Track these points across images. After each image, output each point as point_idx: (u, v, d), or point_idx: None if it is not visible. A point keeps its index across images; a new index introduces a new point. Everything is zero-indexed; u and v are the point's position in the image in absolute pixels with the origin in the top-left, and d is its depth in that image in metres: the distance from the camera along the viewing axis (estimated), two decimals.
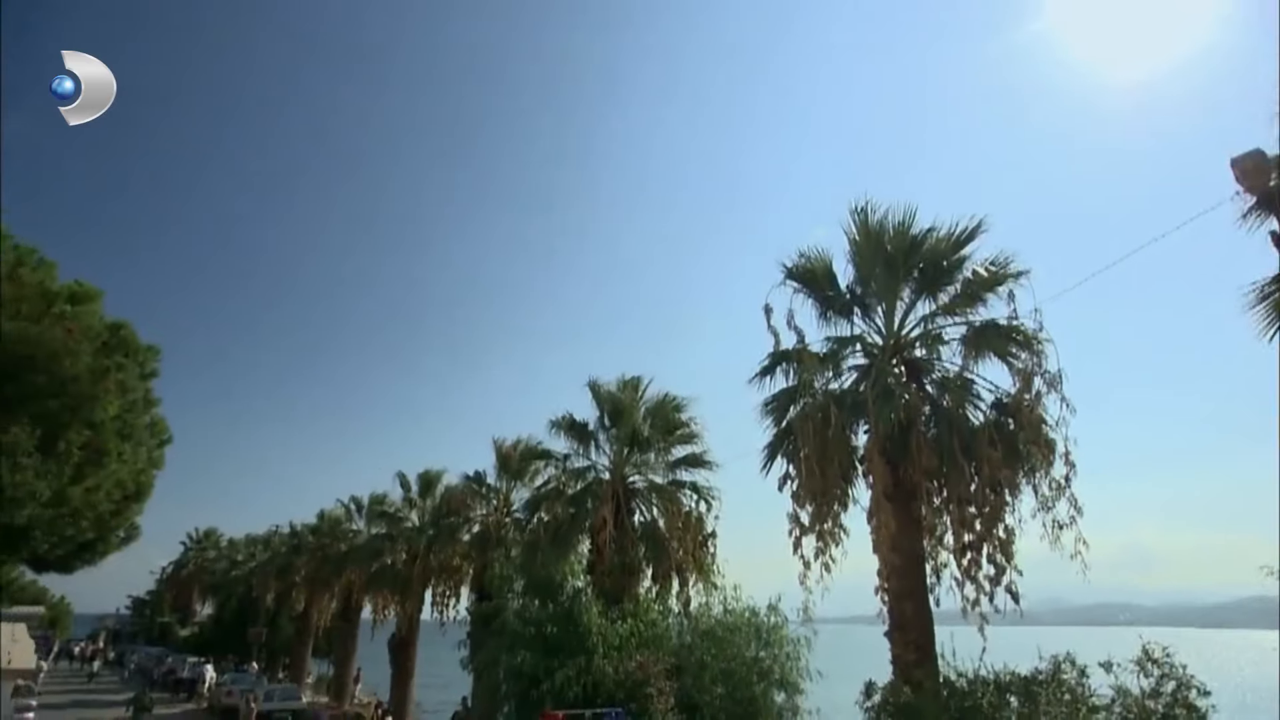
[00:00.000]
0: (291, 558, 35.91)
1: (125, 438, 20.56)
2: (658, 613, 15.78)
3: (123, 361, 20.26)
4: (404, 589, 25.70)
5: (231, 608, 45.82)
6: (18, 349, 17.25)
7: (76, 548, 24.07)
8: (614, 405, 18.56)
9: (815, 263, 13.75)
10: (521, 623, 14.38)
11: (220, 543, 57.01)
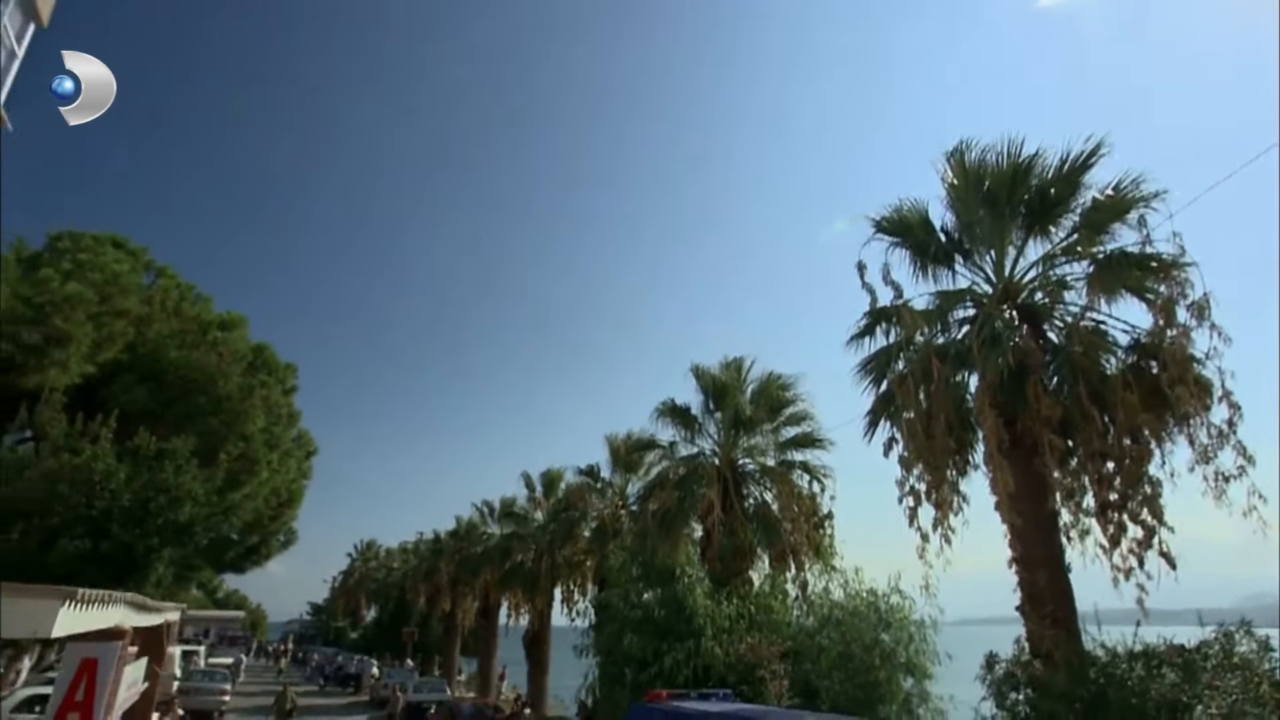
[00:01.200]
0: (435, 562, 38.14)
1: (272, 447, 22.93)
2: (771, 596, 15.17)
3: (266, 379, 22.63)
4: (533, 586, 26.49)
5: (389, 610, 49.80)
6: (183, 374, 19.69)
7: (246, 550, 27.13)
8: (717, 387, 18.22)
9: (909, 214, 12.76)
10: (629, 607, 14.35)
11: (379, 553, 61.74)
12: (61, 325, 16.21)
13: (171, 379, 19.63)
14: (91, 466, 13.95)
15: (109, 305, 17.79)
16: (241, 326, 22.84)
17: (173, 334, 20.10)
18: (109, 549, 13.99)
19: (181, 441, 15.66)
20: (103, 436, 14.85)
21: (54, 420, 14.97)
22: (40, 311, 16.19)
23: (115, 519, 14.14)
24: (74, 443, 14.57)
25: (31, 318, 16.15)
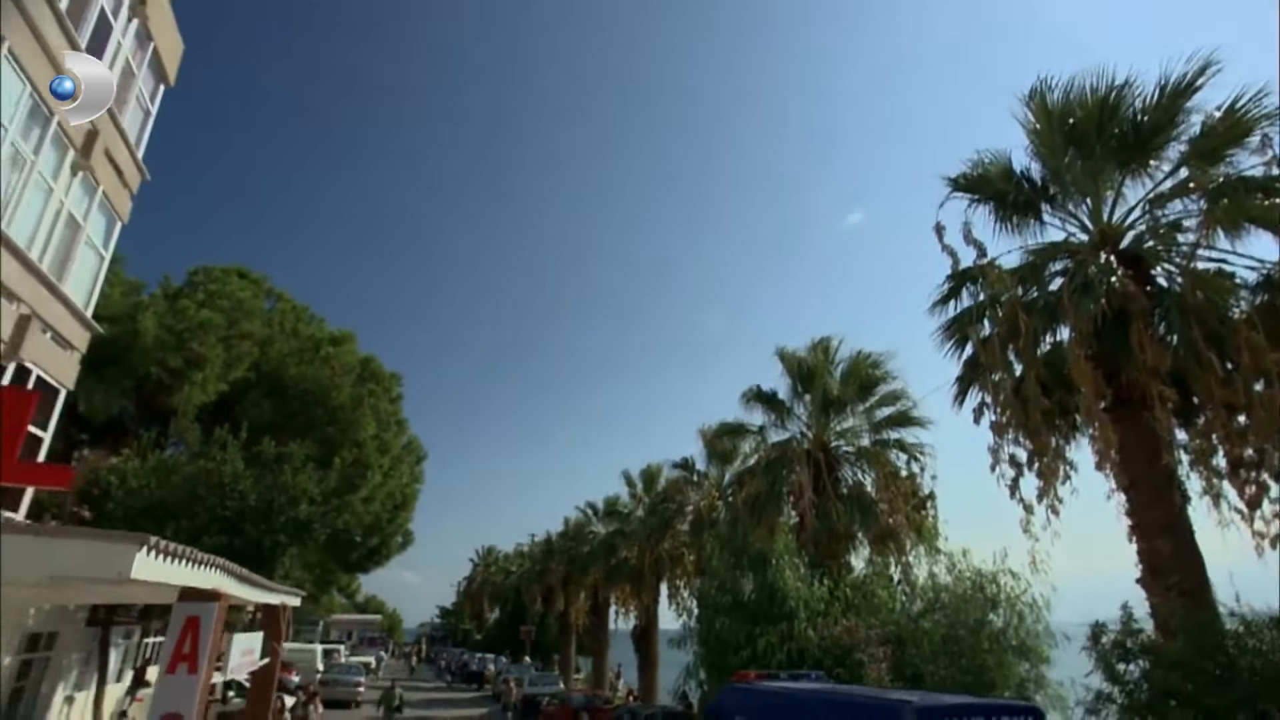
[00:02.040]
0: (547, 563, 39.38)
1: (383, 452, 24.55)
2: (874, 579, 14.57)
3: (374, 389, 24.28)
4: (638, 581, 26.78)
5: (508, 611, 52.07)
6: (301, 388, 21.45)
7: (368, 551, 29.12)
8: (804, 370, 17.78)
9: (989, 167, 11.97)
10: (720, 593, 14.21)
11: (498, 558, 64.43)
12: (197, 349, 18.22)
13: (292, 393, 21.54)
14: (222, 470, 15.59)
15: (236, 329, 19.82)
16: (350, 342, 24.73)
17: (291, 352, 22.07)
18: (241, 545, 15.45)
19: (297, 446, 17.20)
20: (230, 444, 16.55)
21: (189, 430, 16.84)
22: (180, 338, 18.25)
23: (246, 518, 15.68)
24: (207, 450, 16.34)
25: (174, 344, 18.22)
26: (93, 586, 10.18)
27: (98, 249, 14.35)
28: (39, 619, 14.00)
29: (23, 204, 11.49)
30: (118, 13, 13.80)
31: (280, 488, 16.23)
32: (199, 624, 5.85)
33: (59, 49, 11.59)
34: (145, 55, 15.27)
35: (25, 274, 11.70)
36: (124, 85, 14.46)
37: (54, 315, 12.80)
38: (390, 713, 19.47)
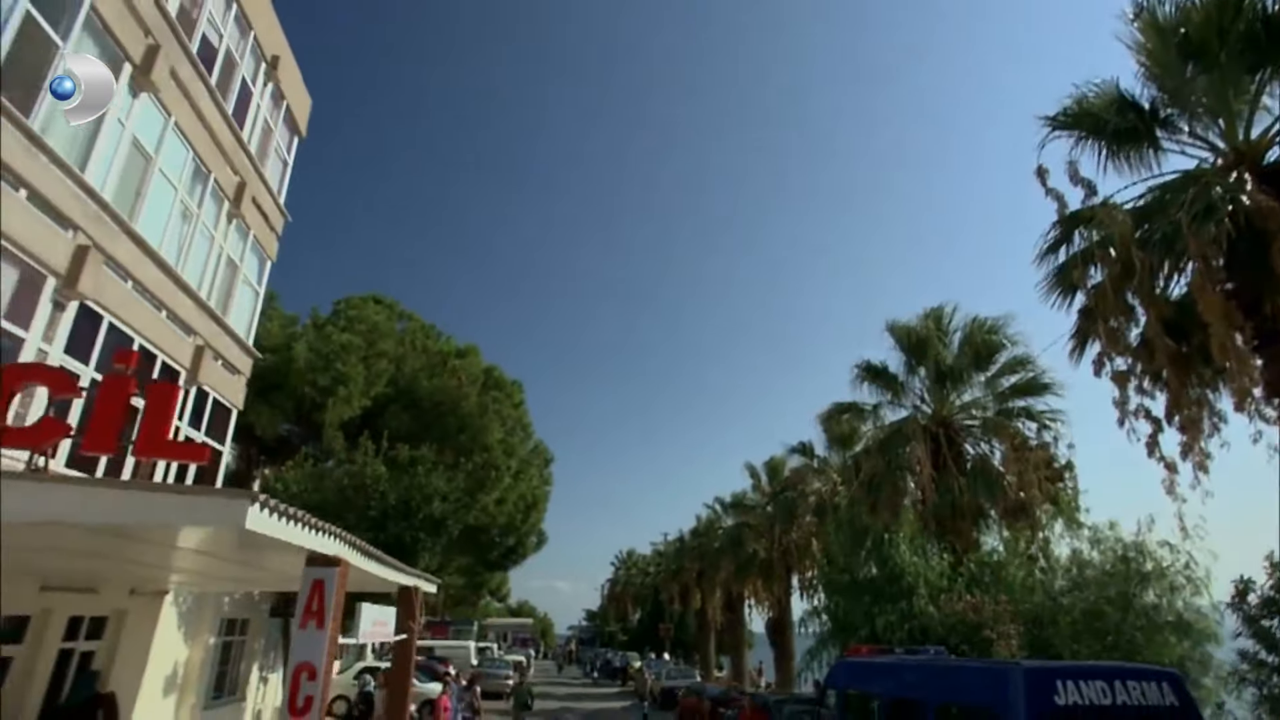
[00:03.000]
0: (680, 562, 39.82)
1: (509, 454, 26.00)
2: (1001, 554, 13.66)
3: (498, 395, 25.82)
4: (768, 573, 26.54)
5: (647, 611, 53.13)
6: (433, 399, 23.26)
7: (507, 550, 30.87)
8: (915, 342, 17.00)
9: (1095, 99, 10.94)
10: (835, 570, 13.87)
11: (638, 560, 65.84)
12: (341, 369, 20.39)
13: (425, 404, 23.49)
14: (364, 474, 17.34)
15: (373, 349, 21.95)
16: (474, 354, 26.57)
17: (423, 367, 24.08)
18: (385, 540, 17.04)
19: (427, 449, 18.80)
20: (368, 449, 18.38)
21: (335, 438, 18.85)
22: (326, 360, 20.51)
23: (389, 516, 17.32)
24: (351, 456, 18.23)
25: (322, 366, 20.50)
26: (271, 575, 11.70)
27: (253, 286, 16.40)
28: (232, 607, 16.17)
29: (192, 251, 13.44)
30: (255, 79, 15.77)
31: (415, 488, 17.83)
32: (324, 586, 6.66)
33: (212, 118, 13.50)
34: (280, 113, 17.29)
35: (199, 311, 13.62)
36: (264, 141, 16.49)
37: (223, 345, 14.78)
38: (520, 709, 19.29)
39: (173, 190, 12.45)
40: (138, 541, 6.06)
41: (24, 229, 8.80)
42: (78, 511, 4.59)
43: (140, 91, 11.15)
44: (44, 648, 10.37)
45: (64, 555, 7.23)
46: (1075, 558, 13.14)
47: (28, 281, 9.11)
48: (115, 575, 11.04)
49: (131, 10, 10.65)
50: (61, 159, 9.42)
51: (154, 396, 5.64)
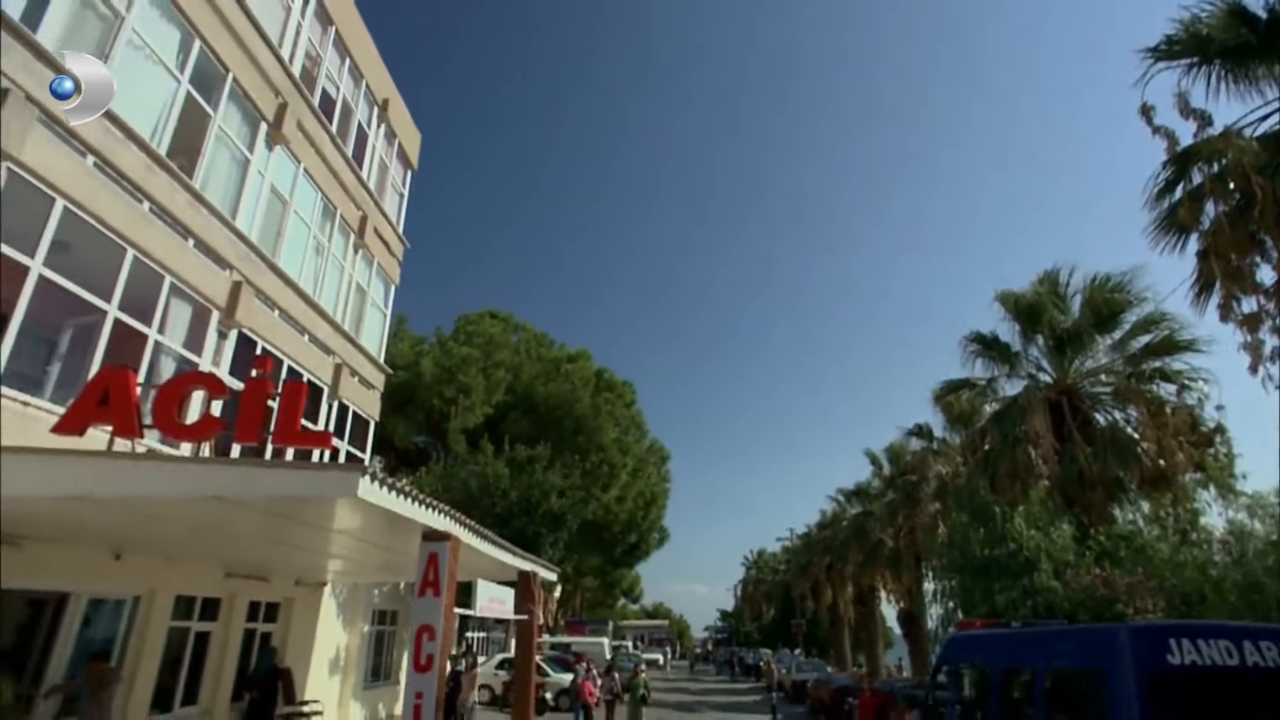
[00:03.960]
0: (808, 557, 39.13)
1: (624, 452, 26.77)
2: (1140, 526, 12.64)
3: (609, 396, 26.70)
4: (895, 562, 25.69)
5: (779, 608, 52.53)
6: (550, 404, 24.51)
7: (629, 547, 31.73)
8: (1027, 309, 16.02)
9: (1206, 20, 10.04)
10: (949, 548, 13.35)
11: (768, 558, 65.21)
12: (463, 380, 22.05)
13: (542, 409, 24.80)
14: (486, 473, 18.66)
15: (491, 360, 23.52)
16: (585, 358, 27.72)
17: (538, 374, 25.47)
18: (510, 535, 18.23)
19: (542, 448, 19.94)
20: (488, 450, 19.73)
21: (458, 442, 20.39)
22: (449, 373, 22.26)
23: (512, 513, 18.52)
24: (473, 458, 19.65)
25: (446, 379, 22.27)
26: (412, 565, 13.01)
27: (380, 308, 18.14)
28: (381, 599, 17.94)
29: (326, 280, 15.17)
30: (370, 122, 17.53)
31: (534, 485, 18.96)
32: (438, 559, 7.50)
33: (335, 161, 15.21)
34: (393, 150, 19.07)
35: (334, 333, 15.33)
36: (381, 177, 18.27)
37: (358, 362, 16.50)
38: (636, 704, 17.89)
39: (306, 228, 14.16)
40: (284, 519, 7.14)
41: (192, 271, 10.45)
42: (232, 486, 5.60)
43: (275, 145, 12.83)
44: (232, 626, 12.13)
45: (231, 538, 8.56)
46: (1233, 528, 11.98)
47: (198, 315, 10.79)
48: (282, 566, 12.69)
49: (264, 76, 12.32)
50: (218, 210, 11.08)
51: (286, 395, 6.69)
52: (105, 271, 8.87)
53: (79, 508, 6.10)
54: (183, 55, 10.38)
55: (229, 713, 11.94)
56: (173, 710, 10.89)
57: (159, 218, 9.73)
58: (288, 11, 13.37)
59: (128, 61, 9.29)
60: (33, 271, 7.84)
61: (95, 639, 9.38)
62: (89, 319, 9.09)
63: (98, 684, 8.55)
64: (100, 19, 9.00)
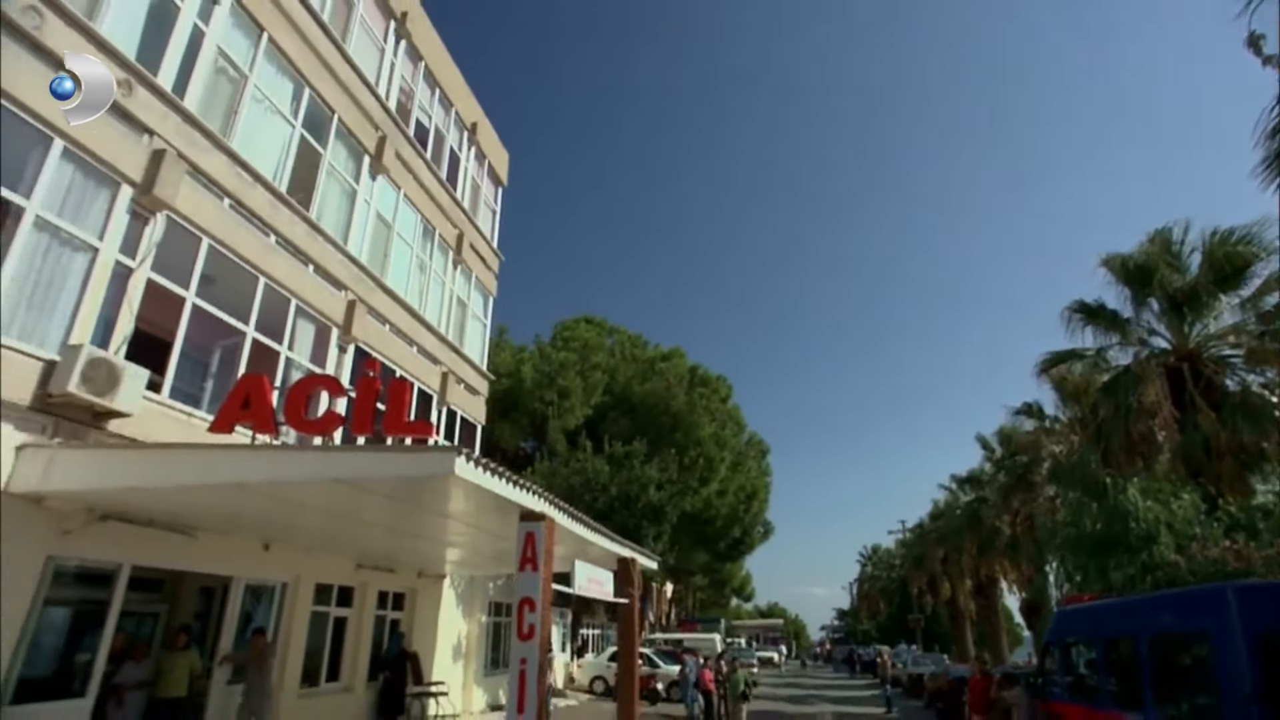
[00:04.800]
0: (923, 549, 37.76)
1: (721, 445, 26.90)
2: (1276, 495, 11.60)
3: (704, 392, 26.94)
4: (1013, 549, 24.49)
5: (895, 604, 50.80)
6: (646, 402, 25.10)
7: (733, 541, 31.75)
8: (1137, 270, 14.99)
9: None
10: (1058, 525, 12.70)
11: (883, 554, 63.16)
12: (562, 383, 23.05)
13: (640, 408, 25.44)
14: (586, 469, 19.42)
15: (587, 363, 24.42)
16: (679, 356, 28.19)
17: (634, 375, 26.16)
18: (611, 529, 18.86)
19: (637, 444, 20.52)
20: (587, 447, 20.49)
21: (558, 441, 21.27)
22: (549, 378, 23.32)
23: (613, 508, 19.19)
24: (573, 456, 20.48)
25: (546, 383, 23.35)
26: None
27: (480, 319, 19.35)
28: (497, 592, 19.08)
29: (429, 295, 16.43)
30: (461, 146, 18.80)
31: (632, 479, 19.56)
32: (534, 537, 8.12)
33: (431, 185, 16.47)
34: (484, 170, 20.31)
35: (440, 343, 16.56)
36: (474, 196, 19.51)
37: (463, 371, 17.70)
38: (737, 700, 16.45)
39: (409, 248, 15.43)
40: (399, 502, 8.01)
41: (313, 293, 11.74)
42: (349, 469, 6.45)
43: (377, 175, 14.12)
44: (365, 612, 13.41)
45: (358, 526, 9.60)
46: None
47: (320, 332, 12.10)
48: (405, 558, 13.88)
49: (365, 114, 13.62)
50: (332, 238, 12.39)
51: (391, 391, 7.55)
52: (243, 298, 10.19)
53: (232, 496, 7.16)
54: (295, 103, 11.72)
55: (366, 690, 13.21)
56: (319, 685, 12.21)
57: (283, 248, 11.03)
58: (381, 53, 14.68)
59: (252, 113, 10.64)
60: (187, 302, 9.17)
61: (254, 619, 10.76)
62: (232, 340, 10.47)
63: (259, 655, 9.82)
64: (230, 81, 10.37)
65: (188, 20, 9.44)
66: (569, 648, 25.86)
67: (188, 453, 6.88)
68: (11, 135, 6.97)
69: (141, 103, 8.51)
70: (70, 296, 7.64)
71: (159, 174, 8.53)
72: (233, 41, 10.34)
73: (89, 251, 7.84)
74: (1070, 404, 19.88)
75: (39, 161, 7.33)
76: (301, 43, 11.76)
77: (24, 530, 6.85)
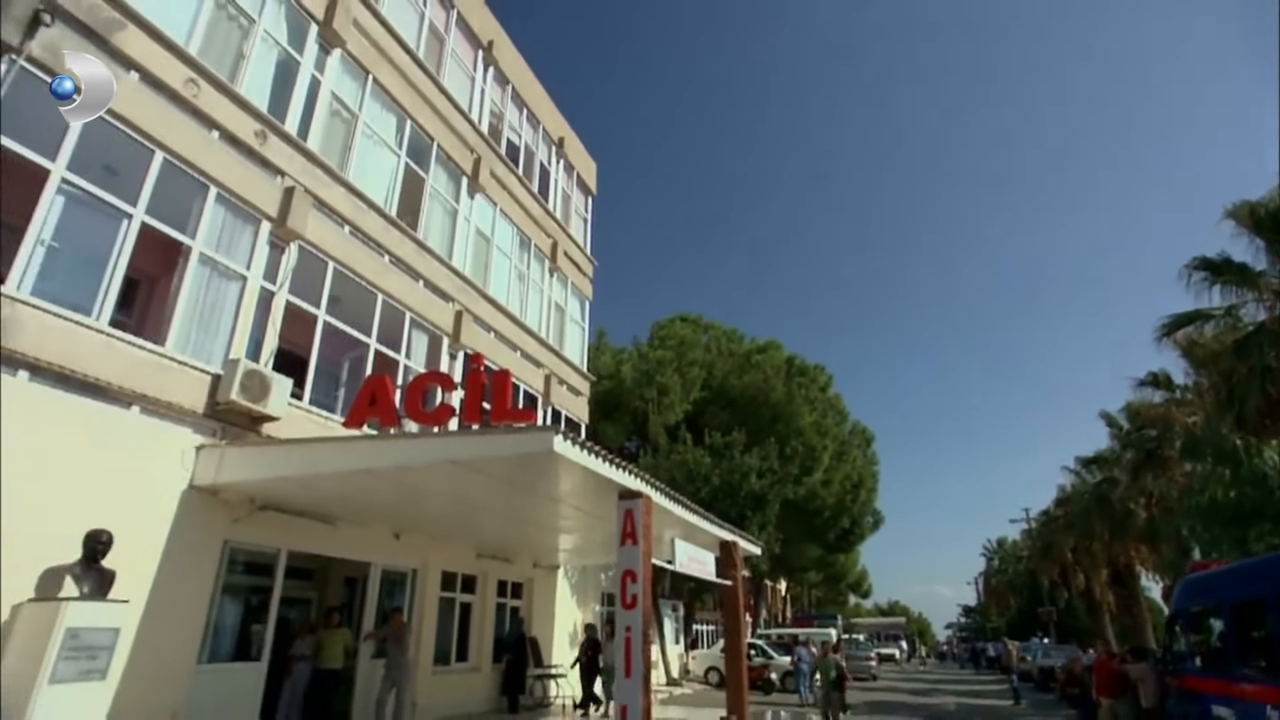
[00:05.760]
0: (1050, 537, 35.56)
1: (822, 434, 26.51)
2: None
3: (802, 381, 26.67)
4: (1152, 533, 22.76)
5: (1024, 597, 47.88)
6: (745, 395, 25.25)
7: (843, 532, 31.10)
8: (1272, 217, 13.76)
9: None
10: (1192, 494, 11.85)
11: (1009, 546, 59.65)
12: (660, 381, 23.63)
13: (739, 402, 25.60)
14: (687, 461, 19.84)
15: (684, 360, 24.88)
16: (775, 348, 28.11)
17: (731, 369, 26.36)
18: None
19: (737, 434, 20.70)
20: (687, 440, 20.89)
21: (659, 435, 21.79)
22: (647, 376, 23.97)
23: (715, 497, 19.50)
24: (674, 449, 20.96)
25: (645, 382, 24.03)
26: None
27: (578, 323, 20.26)
28: (608, 583, 19.85)
29: (529, 302, 17.46)
30: (550, 160, 19.82)
31: (733, 469, 19.81)
32: (633, 514, 8.66)
33: (524, 199, 17.52)
34: (573, 181, 21.27)
35: (541, 347, 17.55)
36: (565, 206, 20.49)
37: (564, 372, 18.64)
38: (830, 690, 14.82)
39: (507, 260, 16.50)
40: (508, 485, 8.78)
41: (425, 306, 12.89)
42: (460, 450, 7.25)
43: (475, 193, 15.24)
44: (486, 599, 14.48)
45: (474, 510, 10.51)
46: None
47: (433, 341, 13.25)
48: (519, 547, 14.85)
49: (460, 138, 14.76)
50: (438, 254, 13.54)
51: (495, 383, 8.35)
52: (364, 314, 11.41)
53: (364, 482, 8.16)
54: (399, 135, 12.95)
55: (492, 670, 14.24)
56: (450, 664, 13.32)
57: (396, 266, 12.22)
58: (472, 80, 15.84)
59: (363, 148, 11.90)
60: (319, 320, 10.42)
61: (391, 601, 11.96)
62: (357, 352, 11.73)
63: (397, 632, 10.93)
64: (343, 121, 11.66)
65: (306, 72, 10.73)
66: (682, 640, 26.37)
67: (325, 444, 7.94)
68: (178, 187, 8.31)
69: (274, 148, 9.79)
70: (228, 319, 8.94)
71: (290, 208, 9.79)
72: (344, 86, 11.62)
73: (239, 280, 9.13)
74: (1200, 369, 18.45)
75: (200, 207, 8.66)
76: (402, 80, 12.98)
77: (206, 517, 8.12)
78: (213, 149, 8.83)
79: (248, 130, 9.36)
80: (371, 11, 12.33)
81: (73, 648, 5.89)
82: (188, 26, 8.77)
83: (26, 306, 6.65)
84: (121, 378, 7.41)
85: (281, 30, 10.43)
